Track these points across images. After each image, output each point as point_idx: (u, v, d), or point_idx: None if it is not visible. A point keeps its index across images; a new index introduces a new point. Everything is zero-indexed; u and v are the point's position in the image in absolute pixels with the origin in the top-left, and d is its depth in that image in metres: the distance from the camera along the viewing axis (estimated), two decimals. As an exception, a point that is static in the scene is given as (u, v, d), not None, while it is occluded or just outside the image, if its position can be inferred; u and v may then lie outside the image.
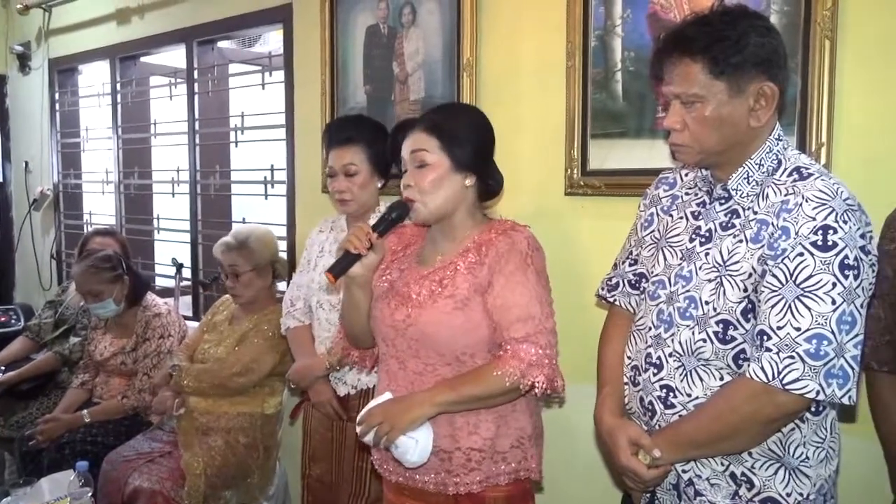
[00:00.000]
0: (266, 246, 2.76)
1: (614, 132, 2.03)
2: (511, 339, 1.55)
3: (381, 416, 1.56)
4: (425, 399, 1.56)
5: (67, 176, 4.40)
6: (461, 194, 1.65)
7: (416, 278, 1.67)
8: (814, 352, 1.21)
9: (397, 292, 1.68)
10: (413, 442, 1.55)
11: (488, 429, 1.61)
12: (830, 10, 1.65)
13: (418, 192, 1.62)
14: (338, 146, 2.18)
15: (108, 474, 2.57)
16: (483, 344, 1.60)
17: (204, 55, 3.49)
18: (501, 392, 1.55)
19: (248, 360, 2.64)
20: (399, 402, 1.59)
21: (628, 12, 1.98)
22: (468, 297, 1.59)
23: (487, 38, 2.31)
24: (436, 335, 1.59)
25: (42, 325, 3.60)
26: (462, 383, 1.57)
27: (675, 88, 1.33)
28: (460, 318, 1.58)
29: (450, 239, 1.68)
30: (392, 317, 1.65)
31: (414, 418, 1.54)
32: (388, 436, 1.54)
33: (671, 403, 1.39)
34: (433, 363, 1.62)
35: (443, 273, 1.63)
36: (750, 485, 1.35)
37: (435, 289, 1.62)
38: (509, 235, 1.62)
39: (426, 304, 1.61)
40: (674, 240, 1.47)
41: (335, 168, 2.17)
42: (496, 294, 1.58)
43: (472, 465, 1.61)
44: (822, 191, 1.26)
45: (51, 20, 4.24)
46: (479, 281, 1.59)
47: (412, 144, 1.64)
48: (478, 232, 1.66)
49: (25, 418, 3.30)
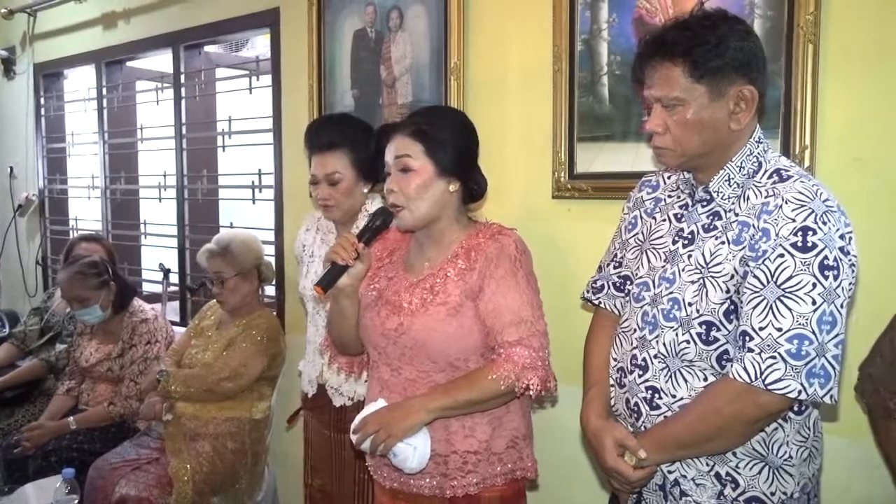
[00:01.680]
0: (249, 250, 2.75)
1: (601, 135, 2.04)
2: (504, 343, 1.56)
3: (377, 425, 1.55)
4: (421, 405, 1.56)
5: (53, 181, 4.38)
6: (446, 200, 1.65)
7: (406, 286, 1.67)
8: (795, 352, 1.22)
9: (387, 301, 1.67)
10: (411, 449, 1.54)
11: (484, 431, 1.62)
12: (813, 14, 1.66)
13: (403, 197, 1.61)
14: (319, 152, 2.08)
15: (94, 482, 2.55)
16: (476, 349, 1.61)
17: (191, 59, 3.48)
18: (496, 395, 1.56)
19: (236, 364, 2.64)
20: (394, 409, 1.58)
21: (614, 16, 1.99)
22: (460, 303, 1.59)
23: (474, 42, 2.32)
24: (429, 343, 1.59)
25: (27, 332, 3.57)
26: (457, 388, 1.57)
27: (657, 92, 1.35)
28: (453, 325, 1.59)
29: (436, 244, 1.69)
30: (383, 325, 1.65)
31: (411, 425, 1.54)
32: (385, 444, 1.53)
33: (656, 405, 1.40)
34: (427, 370, 1.62)
35: (433, 280, 1.64)
36: (735, 484, 1.36)
37: (426, 296, 1.62)
38: (497, 240, 1.63)
39: (418, 313, 1.61)
40: (657, 242, 1.48)
41: (318, 176, 2.08)
42: (488, 299, 1.58)
43: (468, 467, 1.61)
44: (802, 192, 1.27)
45: (36, 24, 4.22)
46: (469, 287, 1.60)
47: (396, 149, 1.63)
48: (464, 236, 1.67)
49: (11, 426, 3.27)
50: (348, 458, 2.14)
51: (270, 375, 2.77)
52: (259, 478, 2.80)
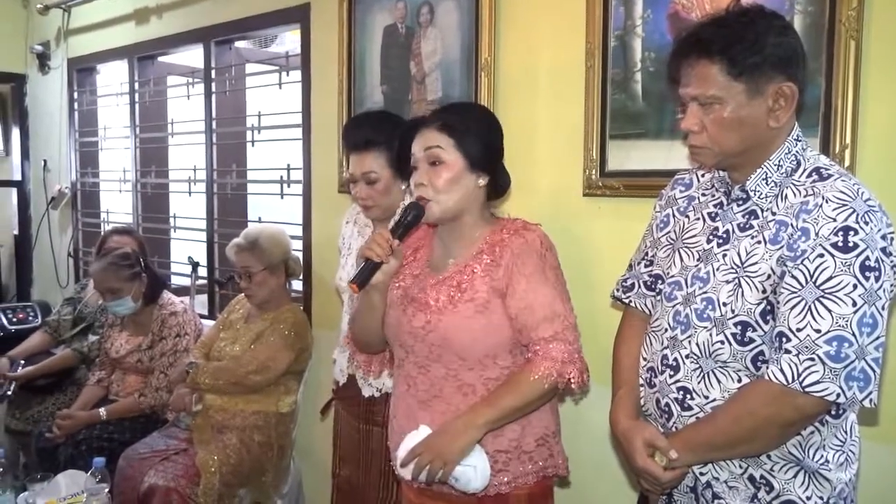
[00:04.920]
0: (277, 245, 2.77)
1: (633, 133, 2.01)
2: (540, 340, 1.55)
3: (430, 454, 1.53)
4: (468, 423, 1.54)
5: (85, 175, 4.44)
6: (474, 194, 1.65)
7: (432, 284, 1.66)
8: (834, 354, 1.20)
9: (413, 299, 1.66)
10: (472, 469, 1.53)
11: (513, 430, 1.61)
12: (856, 9, 1.62)
13: (433, 190, 1.60)
14: (356, 151, 2.06)
15: (123, 471, 2.59)
16: (505, 345, 1.60)
17: (221, 55, 3.51)
18: (541, 396, 1.55)
19: (263, 358, 2.66)
20: (441, 434, 1.56)
21: (649, 12, 1.97)
22: (488, 299, 1.59)
23: (506, 37, 2.30)
24: (458, 340, 1.58)
25: (61, 321, 3.64)
26: (499, 398, 1.55)
27: (693, 90, 1.33)
28: (481, 322, 1.58)
29: (460, 240, 1.67)
30: (410, 323, 1.64)
31: (463, 446, 1.52)
32: (443, 471, 1.52)
33: (688, 405, 1.38)
34: (455, 368, 1.61)
35: (459, 277, 1.63)
36: (769, 488, 1.33)
37: (453, 294, 1.61)
38: (522, 235, 1.62)
39: (446, 310, 1.60)
40: (690, 241, 1.46)
41: (355, 175, 2.06)
42: (519, 297, 1.57)
43: (498, 466, 1.60)
44: (843, 191, 1.24)
45: (70, 20, 4.28)
46: (496, 283, 1.59)
47: (425, 142, 1.62)
48: (488, 232, 1.66)
49: (41, 412, 3.34)
50: (376, 449, 2.15)
51: (297, 370, 2.78)
52: (285, 471, 2.83)
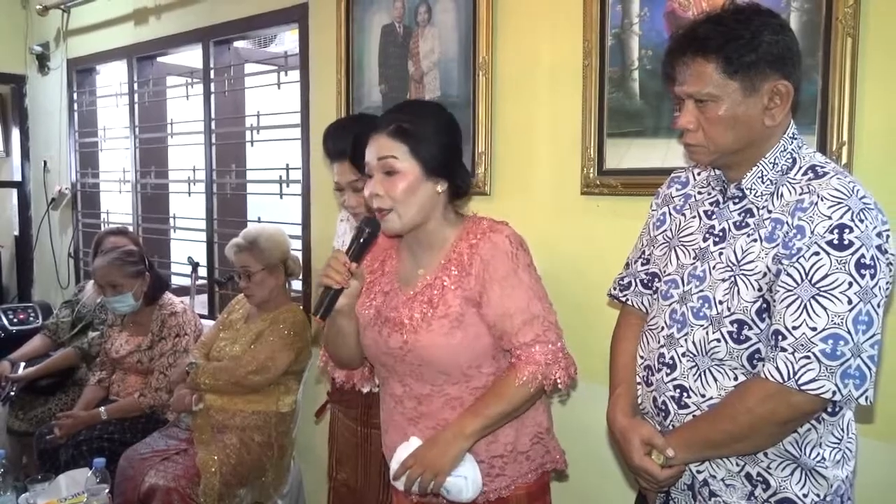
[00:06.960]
0: (277, 245, 2.77)
1: (631, 131, 2.02)
2: (522, 345, 1.53)
3: (420, 467, 1.52)
4: (457, 433, 1.53)
5: (85, 175, 4.45)
6: (434, 201, 1.57)
7: (404, 301, 1.60)
8: (830, 352, 1.20)
9: (387, 319, 1.61)
10: (463, 480, 1.53)
11: (507, 434, 1.60)
12: (852, 7, 1.62)
13: (391, 200, 1.52)
14: (337, 161, 1.97)
15: (124, 471, 2.59)
16: (487, 353, 1.58)
17: (220, 55, 3.51)
18: (527, 399, 1.54)
19: (263, 358, 2.66)
20: (431, 445, 1.55)
21: (645, 10, 1.97)
22: (462, 312, 1.54)
23: (503, 36, 2.30)
24: (437, 357, 1.55)
25: (60, 324, 3.64)
26: (486, 406, 1.54)
27: (689, 88, 1.33)
28: (458, 337, 1.54)
29: (427, 248, 1.62)
30: (387, 344, 1.59)
31: (453, 457, 1.52)
32: (435, 482, 1.51)
33: (685, 403, 1.38)
34: (440, 383, 1.58)
35: (430, 293, 1.57)
36: (766, 485, 1.33)
37: (426, 311, 1.56)
38: (489, 238, 1.55)
39: (421, 329, 1.55)
40: (687, 239, 1.46)
41: (341, 183, 1.98)
42: (495, 304, 1.53)
43: (496, 471, 1.60)
44: (838, 189, 1.24)
45: (69, 21, 4.28)
46: (468, 293, 1.54)
47: (378, 150, 1.53)
48: (455, 235, 1.60)
49: (44, 413, 3.35)
50: (374, 452, 2.13)
51: (297, 370, 2.79)
52: (285, 471, 2.83)
